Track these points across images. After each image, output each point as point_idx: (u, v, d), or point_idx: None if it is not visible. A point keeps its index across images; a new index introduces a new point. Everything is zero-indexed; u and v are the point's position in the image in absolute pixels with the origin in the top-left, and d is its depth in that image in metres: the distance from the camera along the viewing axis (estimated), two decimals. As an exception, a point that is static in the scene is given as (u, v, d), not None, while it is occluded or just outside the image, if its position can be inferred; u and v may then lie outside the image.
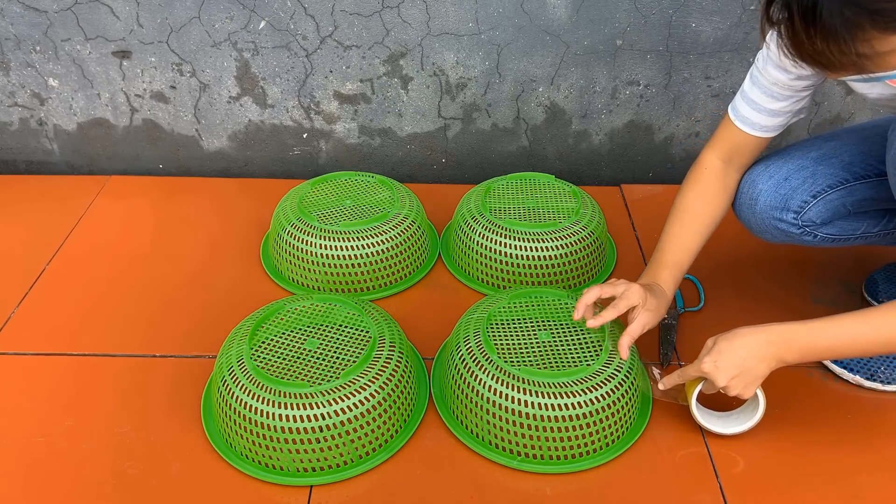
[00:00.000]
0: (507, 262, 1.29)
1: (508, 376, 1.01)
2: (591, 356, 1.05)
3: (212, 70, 1.57)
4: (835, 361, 1.14)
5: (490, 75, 1.57)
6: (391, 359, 1.05)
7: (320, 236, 1.29)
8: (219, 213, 1.55)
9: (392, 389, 1.02)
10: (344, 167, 1.70)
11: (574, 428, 0.99)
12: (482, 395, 1.01)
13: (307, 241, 1.29)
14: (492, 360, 1.03)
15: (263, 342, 1.07)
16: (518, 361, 1.04)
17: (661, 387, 1.04)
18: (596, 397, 0.99)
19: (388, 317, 1.14)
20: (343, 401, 0.98)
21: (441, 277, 1.38)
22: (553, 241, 1.28)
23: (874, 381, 1.12)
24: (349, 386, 0.99)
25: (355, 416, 0.98)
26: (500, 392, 1.00)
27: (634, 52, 1.54)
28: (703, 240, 1.11)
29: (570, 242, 1.29)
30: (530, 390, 0.99)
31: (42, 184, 1.64)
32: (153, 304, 1.29)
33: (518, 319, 1.12)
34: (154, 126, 1.65)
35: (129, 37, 1.53)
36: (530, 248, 1.28)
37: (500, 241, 1.29)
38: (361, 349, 1.06)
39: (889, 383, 1.12)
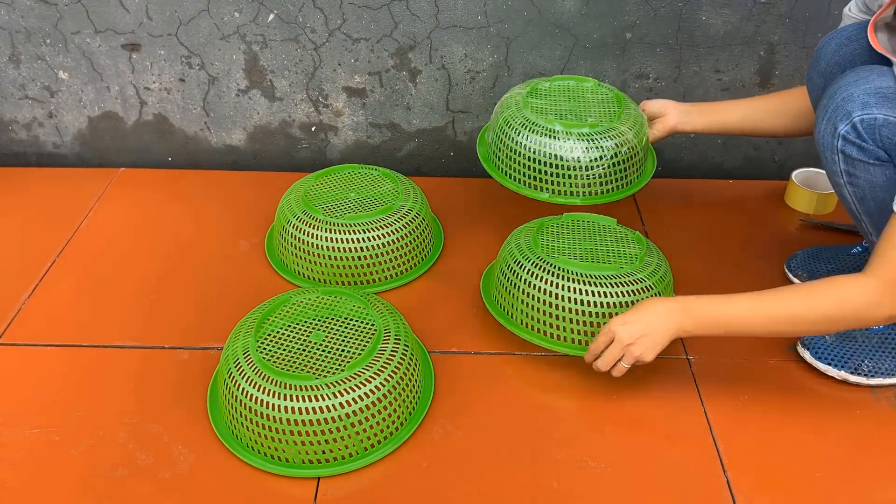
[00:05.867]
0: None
1: (562, 271, 1.12)
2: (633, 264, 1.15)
3: (220, 63, 1.57)
4: (816, 358, 1.14)
5: (499, 68, 1.56)
6: (396, 351, 1.05)
7: (325, 229, 1.29)
8: (227, 206, 1.56)
9: (397, 382, 1.03)
10: (352, 160, 1.70)
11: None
12: (541, 289, 1.12)
13: (312, 233, 1.29)
14: (546, 261, 1.15)
15: (269, 335, 1.08)
16: (568, 263, 1.14)
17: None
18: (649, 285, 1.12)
19: (393, 309, 1.15)
20: (348, 393, 0.98)
21: (445, 269, 1.38)
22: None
23: (858, 374, 1.12)
24: (354, 378, 0.99)
25: (361, 409, 0.99)
26: (564, 286, 1.11)
27: (644, 46, 1.53)
28: (764, 125, 1.26)
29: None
30: (587, 282, 1.11)
31: (52, 176, 1.65)
32: (161, 296, 1.30)
33: (567, 233, 1.23)
34: (163, 119, 1.65)
35: (139, 30, 1.53)
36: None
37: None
38: (367, 342, 1.06)
39: (872, 376, 1.11)
